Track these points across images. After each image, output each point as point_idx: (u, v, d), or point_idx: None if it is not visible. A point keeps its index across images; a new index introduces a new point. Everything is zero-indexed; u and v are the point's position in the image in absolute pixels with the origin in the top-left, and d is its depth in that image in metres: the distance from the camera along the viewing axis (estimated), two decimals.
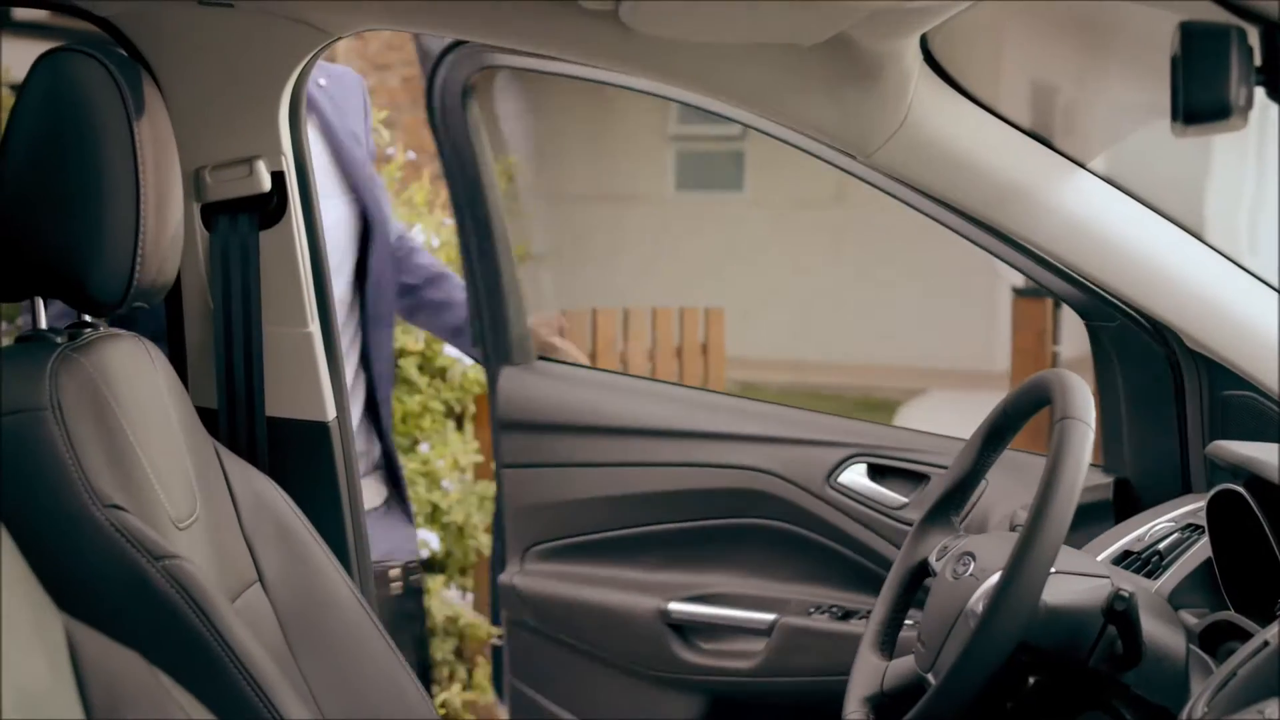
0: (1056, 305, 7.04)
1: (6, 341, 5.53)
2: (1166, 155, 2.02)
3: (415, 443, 4.48)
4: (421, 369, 4.51)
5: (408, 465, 4.34)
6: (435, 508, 4.11)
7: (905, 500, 2.38)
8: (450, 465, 4.22)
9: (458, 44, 2.49)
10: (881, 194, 2.15)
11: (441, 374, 4.55)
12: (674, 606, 2.49)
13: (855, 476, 2.43)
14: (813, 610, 2.42)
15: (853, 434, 2.47)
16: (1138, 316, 2.16)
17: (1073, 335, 6.83)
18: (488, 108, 2.89)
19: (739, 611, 2.47)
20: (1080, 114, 2.07)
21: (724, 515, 2.51)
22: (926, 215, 2.22)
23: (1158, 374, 2.14)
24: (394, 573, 2.55)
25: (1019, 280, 7.27)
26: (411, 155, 6.92)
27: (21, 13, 8.59)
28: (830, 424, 2.52)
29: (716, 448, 2.51)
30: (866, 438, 2.46)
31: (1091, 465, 2.02)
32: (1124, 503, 2.20)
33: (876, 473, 2.42)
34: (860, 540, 2.40)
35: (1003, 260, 2.24)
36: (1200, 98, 1.11)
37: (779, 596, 2.46)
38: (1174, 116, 1.16)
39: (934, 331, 10.69)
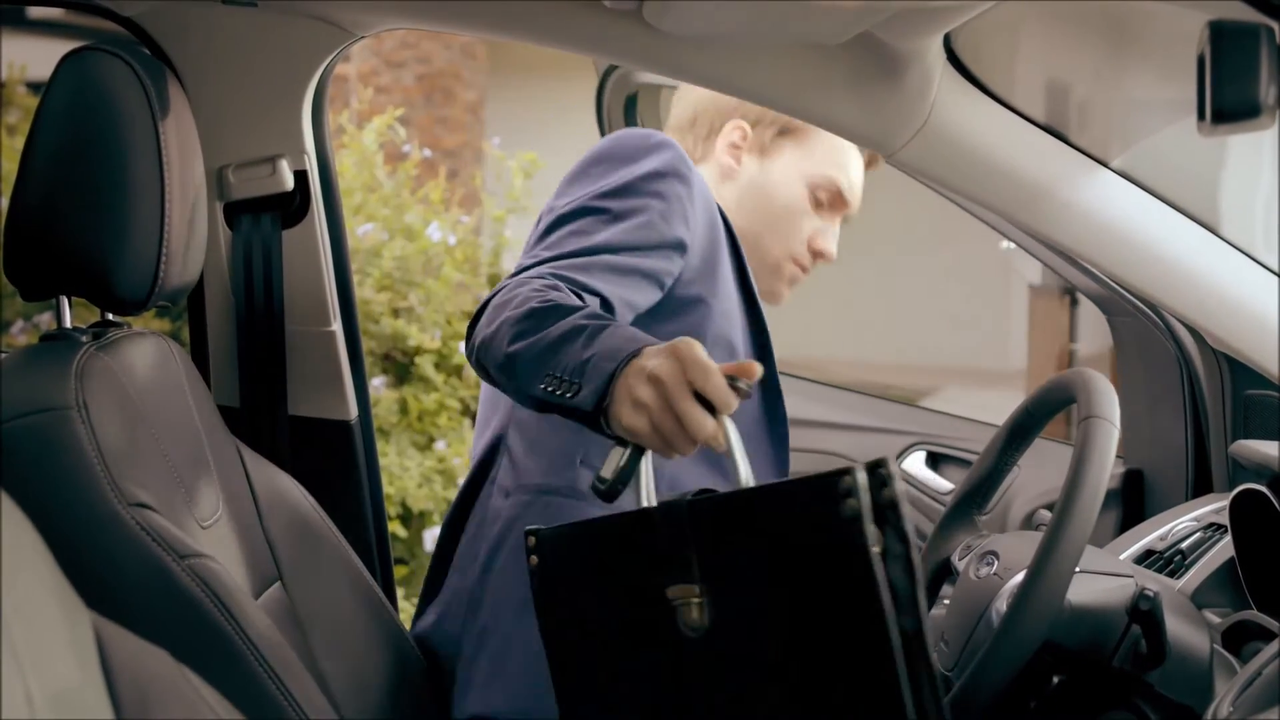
0: (1074, 303, 7.02)
1: (25, 339, 5.53)
2: (1181, 149, 2.02)
3: (431, 440, 4.48)
4: (438, 366, 4.51)
5: (424, 463, 4.35)
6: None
7: (952, 487, 2.45)
8: (467, 463, 4.22)
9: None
10: (895, 192, 2.18)
11: (457, 372, 4.55)
12: None
13: (915, 464, 2.52)
14: None
15: (916, 422, 2.59)
16: (1150, 313, 2.16)
17: (1090, 333, 6.82)
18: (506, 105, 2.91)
19: None
20: (1103, 112, 2.06)
21: None
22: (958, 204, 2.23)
23: (1172, 370, 2.16)
24: None
25: (1036, 277, 7.27)
26: (427, 153, 6.94)
27: (39, 11, 8.63)
28: (898, 412, 2.65)
29: (800, 433, 2.56)
30: (928, 426, 2.56)
31: None
32: (1133, 493, 2.23)
33: (933, 460, 2.53)
34: (916, 525, 2.46)
35: (1029, 252, 2.25)
36: (1229, 97, 1.11)
37: None
38: (1201, 115, 1.15)
39: (950, 329, 10.67)
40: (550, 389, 1.49)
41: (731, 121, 2.06)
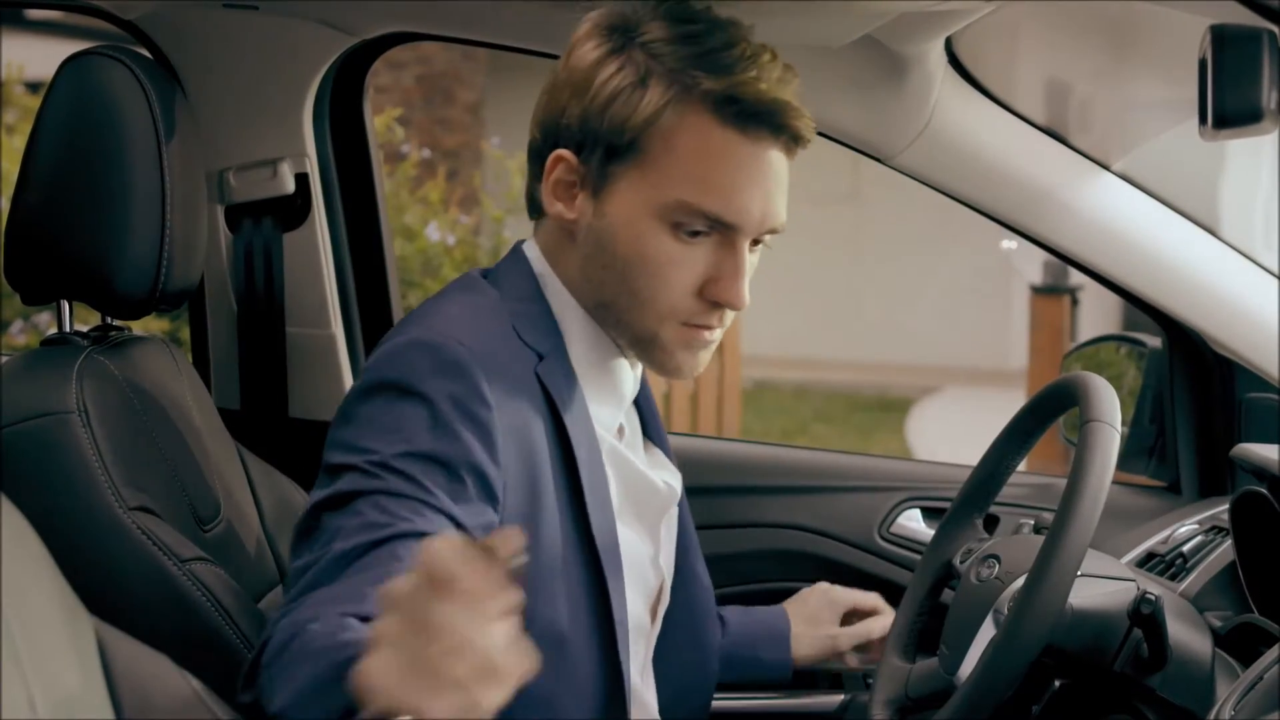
0: (1074, 303, 7.02)
1: (25, 339, 5.51)
2: (1181, 150, 2.01)
3: None
4: None
5: None
6: None
7: None
8: None
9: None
10: (895, 192, 2.15)
11: None
12: (721, 704, 1.91)
13: (909, 523, 2.12)
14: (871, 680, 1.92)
15: (902, 476, 2.19)
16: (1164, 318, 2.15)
17: (1090, 333, 6.82)
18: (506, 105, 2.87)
19: (795, 699, 2.05)
20: (1104, 115, 2.06)
21: (760, 580, 2.12)
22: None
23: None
24: None
25: (1036, 277, 7.27)
26: (426, 153, 6.93)
27: (38, 11, 8.63)
28: (876, 466, 2.26)
29: (746, 504, 2.16)
30: (918, 478, 2.18)
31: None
32: None
33: (932, 515, 2.13)
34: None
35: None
36: (1231, 102, 1.11)
37: (834, 669, 2.03)
38: (1202, 120, 1.15)
39: (949, 329, 10.68)
40: None
41: (555, 152, 1.40)
